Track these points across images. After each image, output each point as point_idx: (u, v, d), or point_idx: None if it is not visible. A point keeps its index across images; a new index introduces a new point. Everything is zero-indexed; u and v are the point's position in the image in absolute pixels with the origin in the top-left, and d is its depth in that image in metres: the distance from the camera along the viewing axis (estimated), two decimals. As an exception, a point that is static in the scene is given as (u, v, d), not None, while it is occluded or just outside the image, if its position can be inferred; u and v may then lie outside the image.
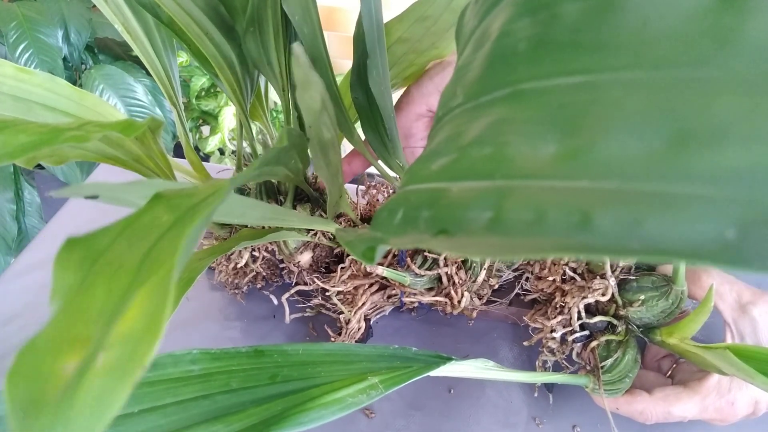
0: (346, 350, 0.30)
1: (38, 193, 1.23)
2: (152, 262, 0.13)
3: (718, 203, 0.09)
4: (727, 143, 0.09)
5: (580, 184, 0.11)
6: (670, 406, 0.39)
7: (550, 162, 0.11)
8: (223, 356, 0.27)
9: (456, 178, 0.14)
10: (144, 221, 0.15)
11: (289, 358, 0.28)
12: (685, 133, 0.10)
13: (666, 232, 0.09)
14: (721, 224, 0.09)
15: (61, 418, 0.11)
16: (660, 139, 0.10)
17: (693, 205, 0.09)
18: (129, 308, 0.12)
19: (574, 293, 0.44)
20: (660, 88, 0.10)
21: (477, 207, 0.12)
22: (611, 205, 0.10)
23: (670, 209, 0.09)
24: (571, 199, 0.10)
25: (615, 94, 0.11)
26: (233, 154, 1.42)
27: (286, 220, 0.31)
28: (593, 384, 0.42)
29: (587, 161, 0.11)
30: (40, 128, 0.17)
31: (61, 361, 0.12)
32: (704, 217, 0.09)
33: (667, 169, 0.10)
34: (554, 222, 0.10)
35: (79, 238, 0.14)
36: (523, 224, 0.11)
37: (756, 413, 0.38)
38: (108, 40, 1.33)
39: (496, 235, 0.11)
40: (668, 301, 0.41)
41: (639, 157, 0.10)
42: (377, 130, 0.41)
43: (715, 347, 0.35)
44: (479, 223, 0.12)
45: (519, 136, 0.12)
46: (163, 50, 0.45)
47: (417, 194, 0.15)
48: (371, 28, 0.31)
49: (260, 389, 0.26)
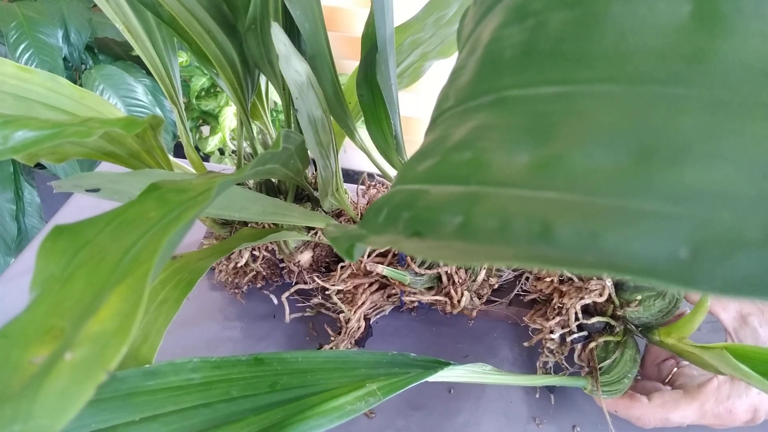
0: (345, 357, 0.31)
1: (38, 193, 1.23)
2: (132, 259, 0.13)
3: (673, 221, 0.09)
4: (688, 161, 0.09)
5: (547, 194, 0.11)
6: (668, 413, 0.39)
7: (522, 171, 0.11)
8: (223, 365, 0.27)
9: (436, 181, 0.14)
10: (132, 214, 0.15)
11: (288, 365, 0.28)
12: (649, 148, 0.10)
13: (621, 247, 0.09)
14: (675, 242, 0.09)
15: (22, 412, 0.11)
16: (626, 153, 0.10)
17: (649, 221, 0.09)
18: (103, 307, 0.12)
19: (571, 294, 0.44)
20: (631, 102, 0.11)
21: (450, 211, 0.12)
22: (572, 216, 0.10)
23: (627, 224, 0.09)
24: (536, 209, 0.11)
25: (589, 106, 0.11)
26: (233, 153, 1.42)
27: (286, 215, 0.31)
28: (591, 386, 0.42)
29: (555, 172, 0.11)
30: (43, 123, 0.17)
31: (31, 352, 0.12)
32: (659, 233, 0.09)
33: (629, 184, 0.10)
34: (517, 230, 0.11)
35: (65, 227, 0.14)
36: (488, 231, 0.11)
37: (755, 420, 0.38)
38: (108, 40, 1.33)
39: (462, 240, 0.11)
40: (665, 301, 0.41)
41: (604, 171, 0.10)
42: (381, 127, 0.42)
43: (712, 347, 0.35)
44: (449, 227, 0.12)
45: (497, 142, 0.12)
46: (164, 49, 0.45)
47: (401, 194, 0.15)
48: (382, 23, 0.31)
49: (260, 397, 0.27)
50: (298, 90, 0.24)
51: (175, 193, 0.15)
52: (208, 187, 0.15)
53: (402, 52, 0.48)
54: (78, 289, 0.13)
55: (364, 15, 0.41)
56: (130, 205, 0.15)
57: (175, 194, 0.15)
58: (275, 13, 0.36)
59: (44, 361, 0.11)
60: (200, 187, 0.15)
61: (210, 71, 0.44)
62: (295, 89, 0.24)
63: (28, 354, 0.11)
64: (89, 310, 0.12)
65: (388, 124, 0.41)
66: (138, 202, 0.15)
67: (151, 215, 0.14)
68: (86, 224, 0.14)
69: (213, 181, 0.15)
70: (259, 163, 0.23)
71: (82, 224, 0.14)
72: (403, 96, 1.25)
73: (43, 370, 0.11)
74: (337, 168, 0.43)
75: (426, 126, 0.18)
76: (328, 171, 0.37)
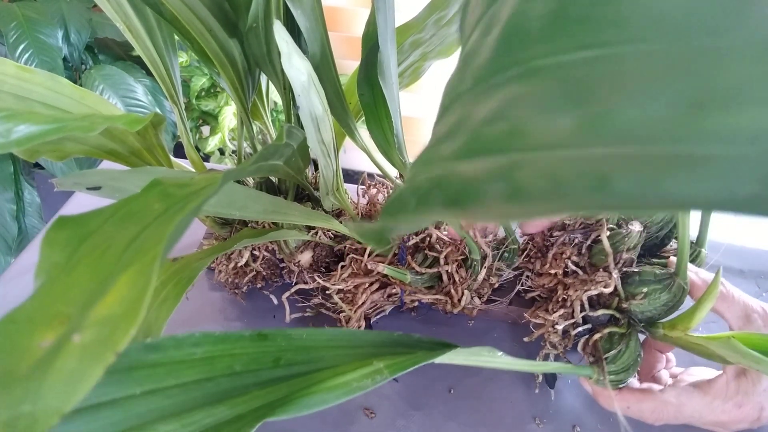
0: (350, 336, 0.30)
1: (38, 193, 1.23)
2: (138, 247, 0.13)
3: (738, 160, 0.09)
4: (742, 106, 0.10)
5: (597, 151, 0.11)
6: (681, 405, 0.39)
7: (566, 131, 0.11)
8: (225, 339, 0.26)
9: (469, 157, 0.14)
10: (136, 206, 0.15)
11: (293, 342, 0.28)
12: (701, 96, 0.10)
13: (686, 189, 0.09)
14: (744, 179, 0.09)
15: (31, 393, 0.11)
16: (678, 103, 0.10)
17: (714, 162, 0.09)
18: (110, 291, 0.12)
19: (576, 286, 0.44)
20: (674, 57, 0.11)
21: (491, 180, 0.12)
22: (629, 167, 0.10)
23: (691, 167, 0.09)
24: (588, 165, 0.10)
25: (631, 65, 0.11)
26: (233, 153, 1.42)
27: (287, 213, 0.31)
28: (598, 375, 0.42)
29: (604, 128, 0.11)
30: (45, 118, 0.17)
31: (37, 337, 0.12)
32: (726, 172, 0.09)
33: (684, 131, 0.10)
34: (571, 187, 0.10)
35: (69, 218, 0.14)
36: (539, 192, 0.11)
37: (761, 420, 0.38)
38: (108, 40, 1.33)
39: (511, 203, 0.11)
40: (671, 294, 0.41)
41: (656, 121, 0.10)
42: (382, 126, 0.42)
43: (719, 336, 0.35)
44: (494, 194, 0.12)
45: (534, 110, 0.12)
46: (165, 49, 0.45)
47: (429, 180, 0.15)
48: (384, 21, 0.31)
49: (264, 372, 0.26)
50: (300, 87, 0.24)
51: (178, 187, 0.15)
52: (211, 181, 0.15)
53: (402, 52, 0.48)
54: (83, 277, 0.13)
55: (364, 15, 0.41)
56: (133, 198, 0.15)
57: (177, 188, 0.15)
58: (277, 12, 0.36)
59: (52, 344, 0.11)
60: (203, 181, 0.15)
61: (211, 70, 0.44)
62: (298, 87, 0.24)
63: (35, 338, 0.11)
64: (96, 296, 0.12)
65: (388, 123, 0.41)
66: (141, 196, 0.15)
67: (154, 207, 0.14)
68: (90, 215, 0.14)
69: (215, 175, 0.15)
70: (261, 158, 0.23)
71: (87, 215, 0.14)
72: (404, 96, 1.24)
73: (52, 353, 0.11)
74: (338, 167, 0.43)
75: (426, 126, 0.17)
76: (329, 170, 0.37)
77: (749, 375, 0.37)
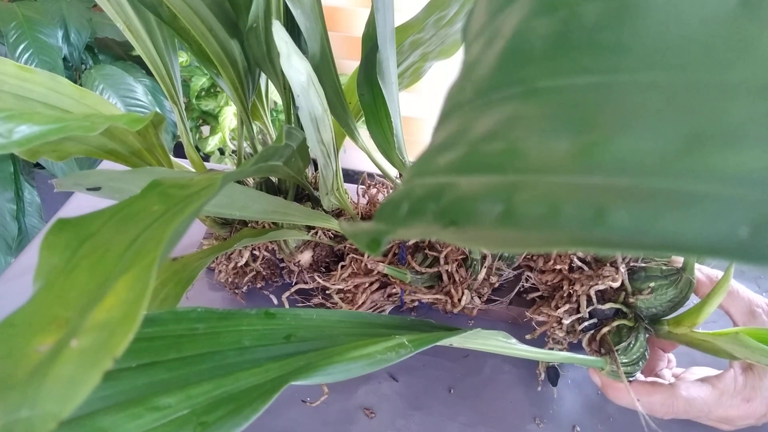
0: (363, 318, 0.29)
1: (38, 193, 1.23)
2: (137, 250, 0.13)
3: (732, 202, 0.09)
4: (743, 145, 0.09)
5: (594, 180, 0.11)
6: (691, 399, 0.39)
7: (565, 157, 0.11)
8: (230, 316, 0.25)
9: (465, 172, 0.14)
10: (135, 208, 0.15)
11: (302, 321, 0.27)
12: (701, 133, 0.10)
13: (681, 228, 0.09)
14: (735, 222, 0.09)
15: (29, 399, 0.11)
16: (677, 137, 0.10)
17: (708, 202, 0.09)
18: (108, 295, 0.12)
19: (583, 281, 0.44)
20: (677, 90, 0.11)
21: (488, 200, 0.12)
22: (626, 201, 0.10)
23: (685, 206, 0.09)
24: (585, 194, 0.10)
25: (632, 94, 0.11)
26: (233, 153, 1.42)
27: (287, 213, 0.31)
28: (610, 365, 0.42)
29: (602, 157, 0.11)
30: (47, 118, 0.17)
31: (35, 342, 0.12)
32: (719, 214, 0.09)
33: (682, 167, 0.10)
34: (568, 216, 0.10)
35: (68, 220, 0.14)
36: (536, 218, 0.11)
37: (767, 416, 0.38)
38: (108, 40, 1.33)
39: (507, 228, 0.11)
40: (678, 289, 0.41)
41: (655, 154, 0.10)
42: (381, 127, 0.42)
43: (726, 332, 0.35)
44: (490, 215, 0.12)
45: (532, 132, 0.12)
46: (165, 49, 0.45)
47: (423, 188, 0.15)
48: (383, 21, 0.31)
49: (276, 347, 0.25)
50: (300, 88, 0.24)
51: (178, 188, 0.15)
52: (210, 182, 0.15)
53: (402, 52, 0.48)
54: (82, 280, 0.13)
55: (364, 15, 0.41)
56: (133, 199, 0.15)
57: (177, 189, 0.15)
58: (277, 12, 0.36)
59: (50, 349, 0.11)
60: (203, 182, 0.15)
61: (210, 71, 0.44)
62: (297, 87, 0.24)
63: (33, 343, 0.11)
64: (94, 300, 0.12)
65: (388, 124, 0.41)
66: (141, 197, 0.15)
67: (154, 209, 0.14)
68: (89, 218, 0.14)
69: (215, 176, 0.15)
70: (261, 159, 0.23)
71: (86, 218, 0.14)
72: (404, 96, 1.25)
73: (50, 358, 0.11)
74: (338, 167, 0.43)
75: (426, 126, 0.17)
76: (329, 169, 0.37)
77: (756, 370, 0.38)
